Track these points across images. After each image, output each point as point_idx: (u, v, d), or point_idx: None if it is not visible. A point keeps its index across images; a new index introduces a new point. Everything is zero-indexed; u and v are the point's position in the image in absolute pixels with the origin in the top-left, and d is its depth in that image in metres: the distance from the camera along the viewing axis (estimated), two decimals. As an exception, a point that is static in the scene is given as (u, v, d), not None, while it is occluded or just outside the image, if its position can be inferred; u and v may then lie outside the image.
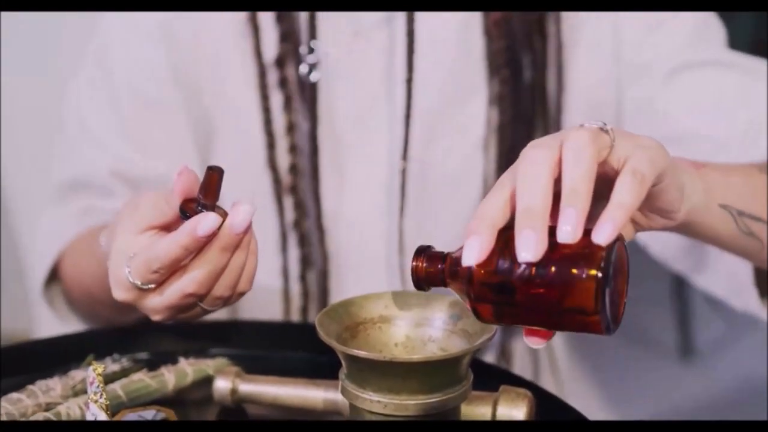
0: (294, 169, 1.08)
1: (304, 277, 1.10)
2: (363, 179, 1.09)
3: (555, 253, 0.64)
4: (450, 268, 0.69)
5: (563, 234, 0.63)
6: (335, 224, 1.10)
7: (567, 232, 0.63)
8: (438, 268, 0.70)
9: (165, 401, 0.83)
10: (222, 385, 0.84)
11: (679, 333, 2.14)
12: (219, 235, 0.76)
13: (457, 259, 0.67)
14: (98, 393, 0.71)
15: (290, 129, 1.07)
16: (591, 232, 0.64)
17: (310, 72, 1.06)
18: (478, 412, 0.77)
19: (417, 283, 0.71)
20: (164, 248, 0.75)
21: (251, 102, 1.08)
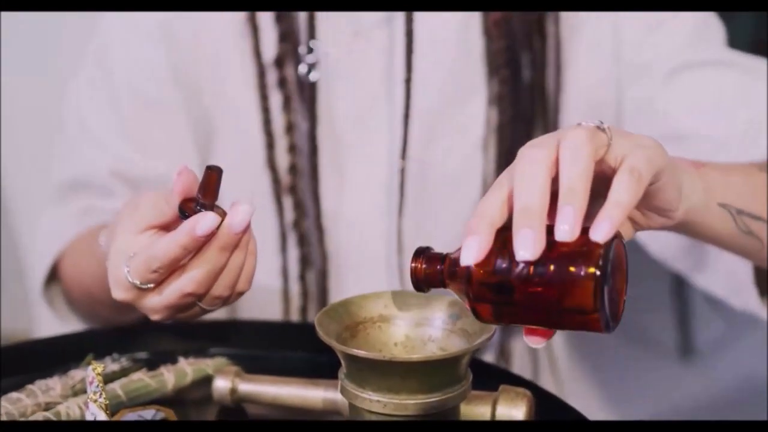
0: (293, 169, 1.08)
1: (303, 277, 1.10)
2: (362, 179, 1.09)
3: (553, 252, 0.64)
4: (449, 269, 0.69)
5: (561, 232, 0.63)
6: (334, 224, 1.10)
7: (564, 230, 0.63)
8: (437, 269, 0.70)
9: (164, 401, 0.83)
10: (221, 385, 0.84)
11: (679, 333, 2.14)
12: (218, 234, 0.76)
13: (456, 259, 0.67)
14: (98, 392, 0.71)
15: (289, 129, 1.08)
16: (589, 231, 0.64)
17: (309, 72, 1.06)
18: (477, 411, 0.77)
19: (416, 285, 0.71)
20: (163, 248, 0.75)
21: (250, 102, 1.08)
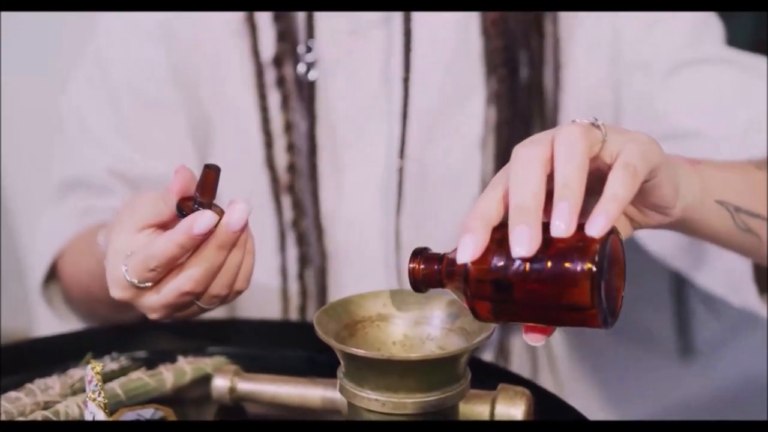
0: (292, 168, 1.08)
1: (302, 276, 1.10)
2: (361, 178, 1.09)
3: (549, 249, 0.64)
4: (446, 269, 0.69)
5: (556, 228, 0.63)
6: (333, 223, 1.10)
7: (560, 226, 0.63)
8: (434, 269, 0.70)
9: (163, 400, 0.83)
10: (220, 384, 0.84)
11: (678, 332, 2.13)
12: (215, 233, 0.76)
13: (453, 259, 0.68)
14: (96, 391, 0.71)
15: (288, 128, 1.08)
16: (584, 226, 0.64)
17: (308, 71, 1.06)
18: (476, 410, 0.77)
19: (414, 285, 0.71)
20: (161, 246, 0.75)
21: (249, 101, 1.08)
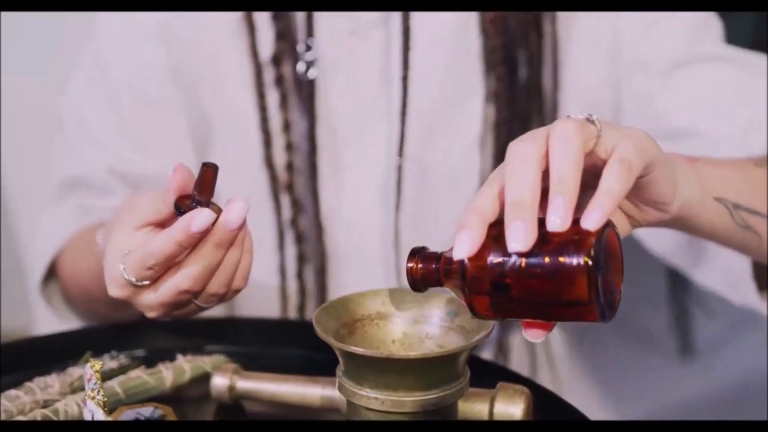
0: (290, 167, 1.08)
1: (300, 275, 1.10)
2: (360, 177, 1.09)
3: (545, 244, 0.64)
4: (444, 267, 0.69)
5: (552, 223, 0.64)
6: (333, 222, 1.10)
7: (555, 220, 0.63)
8: (432, 268, 0.70)
9: (163, 398, 0.83)
10: (220, 382, 0.84)
11: (678, 332, 2.13)
12: (213, 231, 0.76)
13: (451, 257, 0.68)
14: (96, 390, 0.71)
15: (286, 127, 1.08)
16: (580, 221, 0.64)
17: (307, 69, 1.06)
18: (475, 408, 0.77)
19: (413, 285, 0.71)
20: (158, 245, 0.75)
21: (248, 100, 1.08)
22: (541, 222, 0.64)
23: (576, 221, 0.64)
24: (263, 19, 1.07)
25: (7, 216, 1.88)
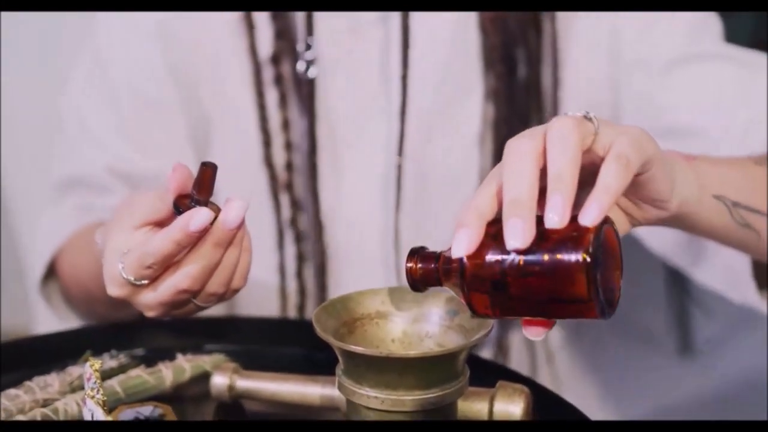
0: (289, 166, 1.08)
1: (300, 274, 1.10)
2: (360, 176, 1.09)
3: (543, 241, 0.64)
4: (443, 266, 0.70)
5: (550, 220, 0.64)
6: (333, 222, 1.10)
7: (553, 218, 0.63)
8: (432, 268, 0.70)
9: (162, 397, 0.83)
10: (219, 381, 0.84)
11: (678, 332, 2.13)
12: (212, 230, 0.75)
13: (450, 256, 0.68)
14: (95, 389, 0.71)
15: (285, 126, 1.08)
16: (578, 218, 0.64)
17: (307, 68, 1.06)
18: (474, 407, 0.77)
19: (412, 285, 0.71)
20: (157, 244, 0.75)
21: (247, 100, 1.08)
22: (540, 219, 0.64)
23: (574, 218, 0.64)
24: (262, 18, 1.07)
25: (7, 216, 1.88)
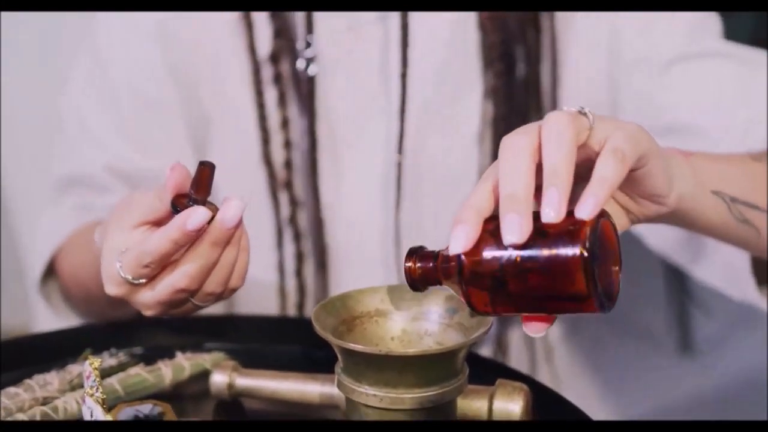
0: (289, 164, 1.08)
1: (299, 273, 1.10)
2: (359, 174, 1.09)
3: (541, 236, 0.64)
4: (442, 265, 0.70)
5: (546, 215, 0.64)
6: (333, 221, 1.10)
7: (550, 212, 0.64)
8: (430, 267, 0.70)
9: (162, 395, 0.83)
10: (219, 380, 0.84)
11: (678, 331, 2.13)
12: (209, 229, 0.75)
13: (448, 255, 0.68)
14: (95, 387, 0.71)
15: (284, 124, 1.08)
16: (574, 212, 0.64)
17: (307, 66, 1.07)
18: (474, 405, 0.77)
19: (412, 284, 0.72)
20: (154, 243, 0.75)
21: (246, 98, 1.08)
22: (536, 215, 0.65)
23: (570, 213, 0.64)
24: (261, 17, 1.07)
25: (7, 216, 1.88)
